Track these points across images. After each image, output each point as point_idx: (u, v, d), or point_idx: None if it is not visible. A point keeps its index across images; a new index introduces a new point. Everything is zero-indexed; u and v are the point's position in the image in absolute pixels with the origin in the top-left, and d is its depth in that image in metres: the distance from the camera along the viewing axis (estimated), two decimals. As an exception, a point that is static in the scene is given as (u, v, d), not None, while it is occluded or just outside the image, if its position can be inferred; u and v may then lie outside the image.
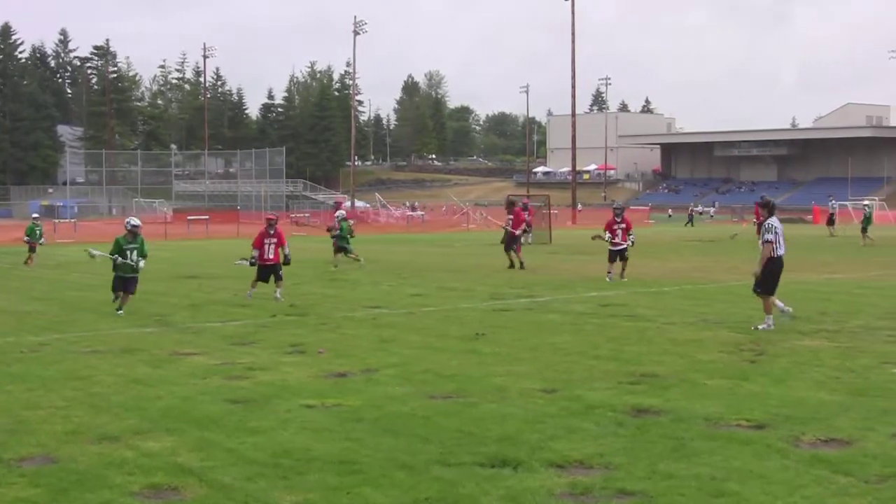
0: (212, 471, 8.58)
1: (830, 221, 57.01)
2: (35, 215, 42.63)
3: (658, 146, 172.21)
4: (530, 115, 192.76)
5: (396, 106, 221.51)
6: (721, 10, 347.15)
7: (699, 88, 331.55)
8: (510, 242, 32.39)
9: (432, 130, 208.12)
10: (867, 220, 49.32)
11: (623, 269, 27.83)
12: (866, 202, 53.40)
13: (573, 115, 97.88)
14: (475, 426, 10.03)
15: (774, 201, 18.60)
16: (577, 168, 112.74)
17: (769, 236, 17.48)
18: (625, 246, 28.04)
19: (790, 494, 7.76)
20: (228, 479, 8.33)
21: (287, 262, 24.39)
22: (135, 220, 21.53)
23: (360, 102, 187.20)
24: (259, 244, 24.09)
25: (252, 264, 24.14)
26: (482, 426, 10.03)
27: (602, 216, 39.69)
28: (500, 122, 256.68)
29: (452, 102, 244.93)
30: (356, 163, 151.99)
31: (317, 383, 12.58)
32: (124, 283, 20.81)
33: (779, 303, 17.81)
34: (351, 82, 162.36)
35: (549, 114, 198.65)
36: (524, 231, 48.70)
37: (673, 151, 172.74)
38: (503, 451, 9.03)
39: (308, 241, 51.13)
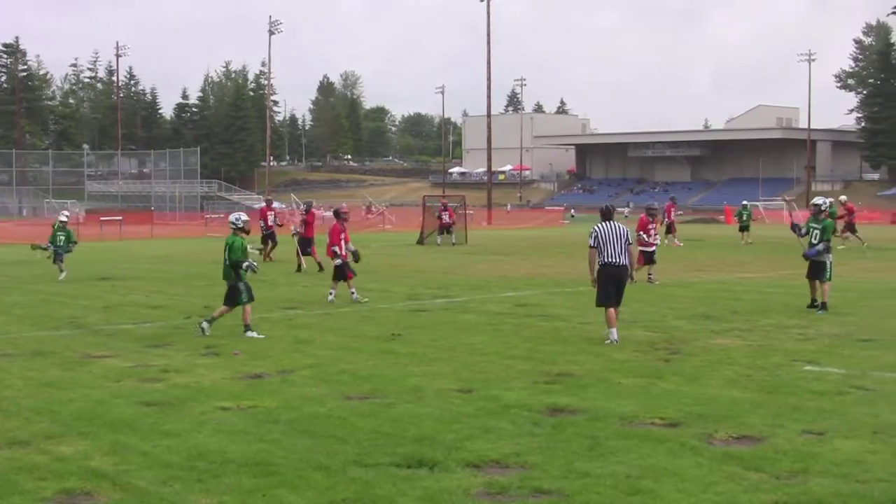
0: (126, 474, 8.49)
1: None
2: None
3: (573, 147, 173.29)
4: (446, 116, 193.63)
5: (312, 106, 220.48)
6: (634, 11, 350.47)
7: (613, 89, 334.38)
8: (305, 245, 32.26)
9: (348, 131, 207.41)
10: (745, 219, 50.33)
11: (651, 271, 26.64)
12: (745, 202, 54.04)
13: (489, 115, 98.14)
14: (392, 427, 10.04)
15: (610, 206, 17.40)
16: (493, 168, 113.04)
17: (590, 241, 16.72)
18: (655, 248, 27.08)
19: (703, 491, 7.87)
20: (143, 482, 8.25)
21: (357, 258, 23.25)
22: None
23: (276, 103, 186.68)
24: (338, 241, 22.82)
25: (339, 263, 22.80)
26: (399, 427, 10.04)
27: (524, 217, 39.82)
28: (416, 123, 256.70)
29: (368, 103, 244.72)
30: (271, 163, 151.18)
31: (232, 385, 12.50)
32: None
33: (613, 332, 16.20)
34: (266, 82, 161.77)
35: (465, 114, 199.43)
36: (446, 231, 48.92)
37: (587, 152, 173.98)
38: (420, 451, 9.05)
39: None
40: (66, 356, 14.98)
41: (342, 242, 22.79)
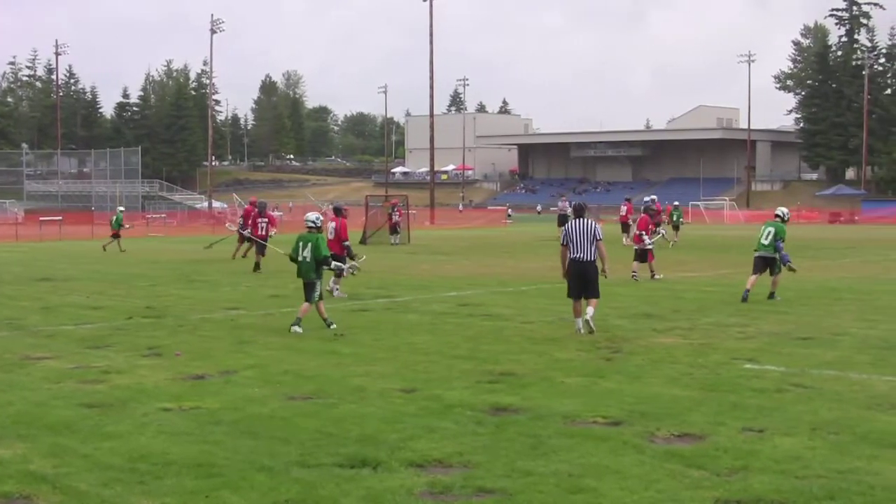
0: (66, 477, 8.41)
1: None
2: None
3: (515, 147, 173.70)
4: (389, 116, 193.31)
5: (254, 106, 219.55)
6: (577, 12, 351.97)
7: (556, 90, 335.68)
8: (262, 248, 32.30)
9: (290, 130, 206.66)
10: (676, 219, 51.04)
11: (652, 269, 27.83)
12: (676, 202, 54.76)
13: (431, 115, 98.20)
14: (335, 427, 10.02)
15: (582, 204, 18.40)
16: (436, 168, 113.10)
17: (562, 239, 17.62)
18: (651, 248, 28.15)
19: (645, 489, 7.92)
20: (83, 485, 8.18)
21: (350, 255, 23.79)
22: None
23: (218, 102, 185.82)
24: (346, 236, 23.93)
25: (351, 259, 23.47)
26: (342, 427, 10.02)
27: (467, 217, 39.86)
28: (359, 123, 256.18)
29: (311, 103, 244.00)
30: (213, 163, 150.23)
31: (174, 386, 12.42)
32: None
33: (579, 322, 17.06)
34: (208, 81, 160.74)
35: (408, 114, 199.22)
36: (393, 231, 48.93)
37: (530, 152, 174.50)
38: (363, 451, 9.04)
39: (165, 243, 50.40)
40: (5, 358, 14.80)
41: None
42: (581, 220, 17.36)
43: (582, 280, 17.05)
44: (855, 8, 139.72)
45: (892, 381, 12.45)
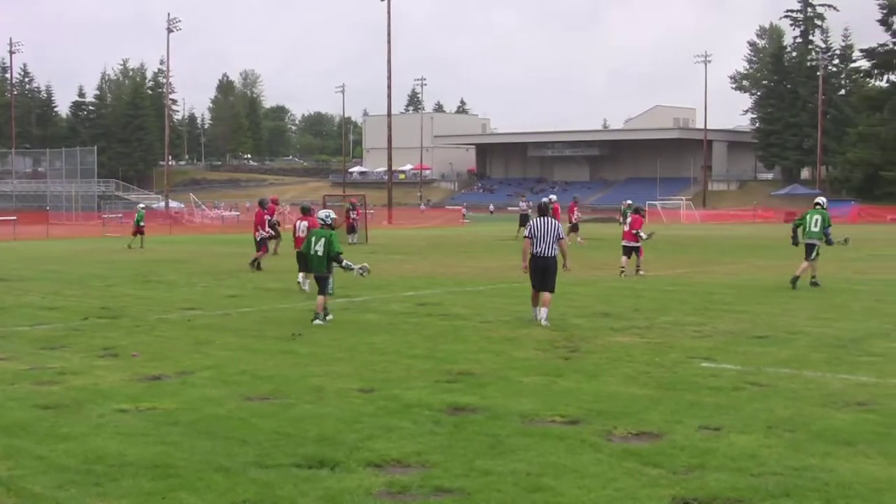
0: (21, 479, 8.33)
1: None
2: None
3: (473, 146, 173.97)
4: (346, 115, 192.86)
5: (211, 105, 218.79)
6: (534, 11, 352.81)
7: (513, 89, 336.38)
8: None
9: (248, 130, 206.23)
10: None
11: (638, 264, 29.58)
12: (629, 201, 55.47)
13: (389, 115, 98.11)
14: (292, 427, 9.99)
15: (546, 203, 19.52)
16: (393, 168, 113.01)
17: (526, 232, 18.87)
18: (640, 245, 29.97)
19: (603, 487, 7.95)
20: (38, 487, 8.11)
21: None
22: None
23: (175, 101, 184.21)
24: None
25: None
26: (300, 427, 9.99)
27: (424, 216, 39.81)
28: (316, 122, 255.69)
29: (268, 102, 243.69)
30: (170, 162, 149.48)
31: (130, 387, 12.34)
32: None
33: (537, 311, 18.34)
34: (165, 80, 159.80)
35: (365, 114, 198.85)
36: (350, 232, 48.89)
37: (488, 151, 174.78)
38: (321, 451, 9.02)
39: (121, 243, 50.05)
40: (-41, 359, 14.67)
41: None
42: (545, 217, 18.53)
43: (542, 274, 18.21)
44: (809, 9, 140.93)
45: (846, 378, 12.55)
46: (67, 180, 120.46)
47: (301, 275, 24.62)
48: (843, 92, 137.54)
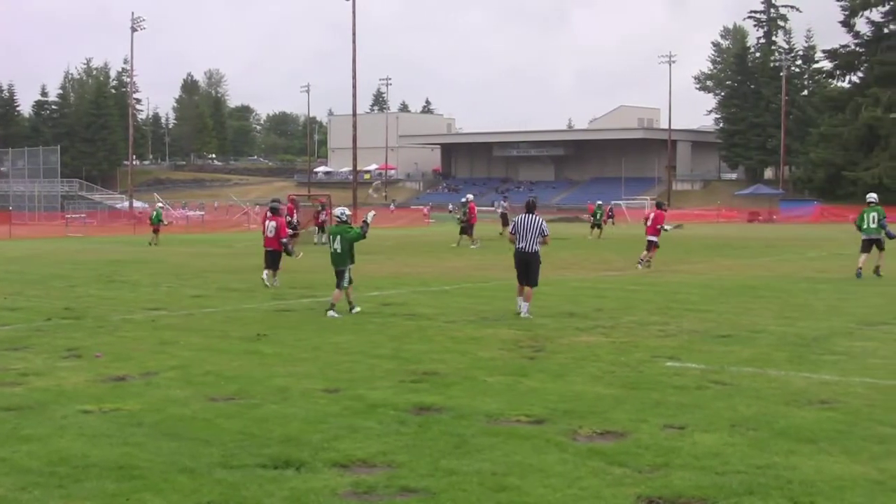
0: (-17, 481, 8.28)
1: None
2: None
3: (438, 146, 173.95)
4: (311, 115, 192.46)
5: (175, 104, 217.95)
6: (500, 11, 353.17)
7: (479, 89, 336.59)
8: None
9: (212, 130, 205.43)
10: (598, 217, 55.05)
11: (648, 258, 31.51)
12: (599, 202, 56.66)
13: (354, 114, 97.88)
14: (258, 427, 9.97)
15: (533, 200, 20.38)
16: (359, 168, 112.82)
17: (511, 228, 20.01)
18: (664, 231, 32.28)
19: (568, 486, 7.97)
20: (1, 489, 8.06)
21: (287, 251, 26.71)
22: None
23: (139, 101, 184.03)
24: (285, 234, 26.86)
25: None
26: (265, 427, 9.97)
27: (389, 216, 39.82)
28: (281, 122, 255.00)
29: (233, 102, 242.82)
30: (134, 162, 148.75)
31: (94, 388, 12.28)
32: None
33: (523, 309, 19.14)
34: (129, 80, 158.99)
35: (331, 114, 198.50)
36: (320, 230, 48.82)
37: (453, 151, 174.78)
38: (286, 451, 9.01)
39: (85, 243, 49.84)
40: (-80, 360, 14.56)
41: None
42: (530, 215, 19.45)
43: (524, 268, 19.25)
44: (772, 10, 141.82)
45: (808, 377, 12.63)
46: (30, 180, 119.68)
47: (266, 272, 25.51)
48: (805, 92, 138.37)
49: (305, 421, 10.27)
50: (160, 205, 54.35)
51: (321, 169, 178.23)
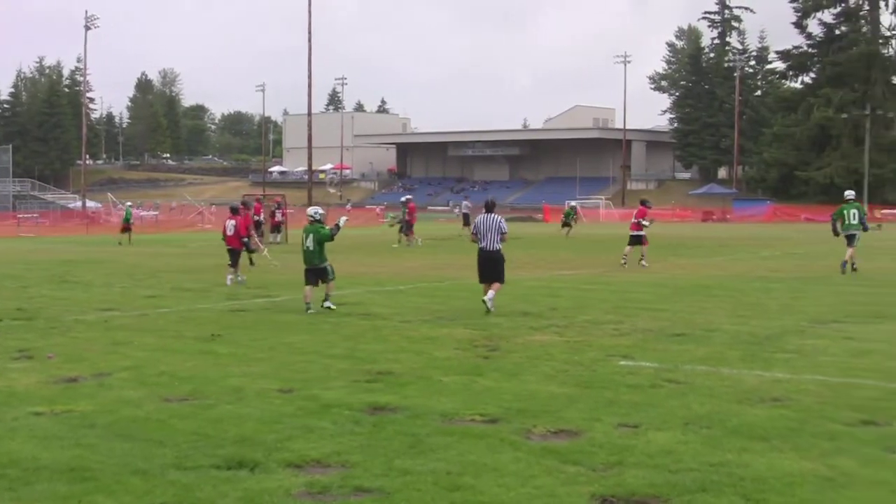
0: (-67, 484, 8.20)
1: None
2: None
3: (393, 146, 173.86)
4: (266, 115, 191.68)
5: (129, 104, 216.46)
6: (455, 10, 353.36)
7: (434, 89, 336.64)
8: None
9: (166, 129, 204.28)
10: (568, 216, 57.11)
11: (643, 254, 32.04)
12: (571, 203, 58.16)
13: (309, 114, 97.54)
14: (212, 428, 9.93)
15: (492, 201, 20.93)
16: (314, 167, 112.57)
17: (472, 229, 20.73)
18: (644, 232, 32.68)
19: (522, 485, 7.99)
20: (-49, 491, 7.99)
21: (248, 248, 28.67)
22: None
23: (92, 100, 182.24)
24: (245, 232, 28.08)
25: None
26: (219, 428, 9.93)
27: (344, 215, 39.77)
28: (236, 122, 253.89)
29: (187, 101, 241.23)
30: (87, 161, 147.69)
31: (46, 389, 12.17)
32: None
33: (488, 295, 19.61)
34: (82, 79, 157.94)
35: (286, 113, 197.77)
36: (276, 230, 48.69)
37: (408, 151, 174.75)
38: (240, 452, 8.97)
39: (37, 243, 49.46)
40: None
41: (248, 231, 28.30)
42: (490, 214, 20.07)
43: (488, 266, 19.85)
44: (727, 11, 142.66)
45: (761, 375, 12.73)
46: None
47: (233, 271, 26.36)
48: (759, 93, 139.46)
49: (260, 421, 10.24)
50: (129, 204, 54.93)
51: (276, 168, 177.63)
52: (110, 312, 20.29)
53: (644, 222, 32.72)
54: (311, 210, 21.56)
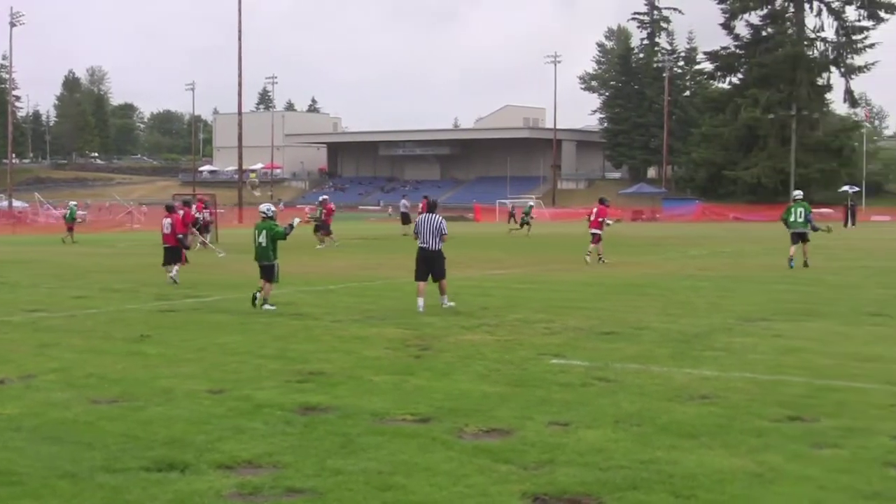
0: None
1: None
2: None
3: (324, 145, 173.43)
4: (196, 114, 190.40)
5: (57, 102, 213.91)
6: (386, 10, 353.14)
7: (365, 88, 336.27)
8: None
9: (94, 128, 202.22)
10: (527, 215, 58.18)
11: (599, 252, 33.42)
12: (531, 203, 59.00)
13: (240, 113, 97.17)
14: (141, 430, 9.84)
15: (433, 201, 21.25)
16: (244, 167, 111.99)
17: (413, 229, 21.36)
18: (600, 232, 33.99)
19: (454, 484, 7.99)
20: None
21: (185, 245, 28.89)
22: None
23: (18, 98, 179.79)
24: (182, 230, 28.27)
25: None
26: (148, 430, 9.84)
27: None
28: (165, 121, 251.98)
29: (116, 99, 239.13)
30: (13, 161, 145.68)
31: (-29, 392, 12.00)
32: None
33: (442, 300, 20.05)
34: (7, 76, 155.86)
35: (216, 112, 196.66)
36: (204, 230, 48.26)
37: (339, 150, 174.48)
38: (170, 454, 8.90)
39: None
40: None
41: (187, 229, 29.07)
42: (430, 214, 20.50)
43: (427, 265, 20.20)
44: (656, 12, 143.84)
45: (690, 373, 12.84)
46: None
47: (167, 268, 26.77)
48: (687, 93, 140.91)
49: (190, 422, 10.16)
50: (74, 203, 55.03)
51: (206, 168, 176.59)
52: (37, 313, 20.04)
53: (608, 221, 34.22)
54: (263, 207, 21.82)
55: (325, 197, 49.07)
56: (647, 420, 10.13)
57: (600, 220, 34.05)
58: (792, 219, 30.69)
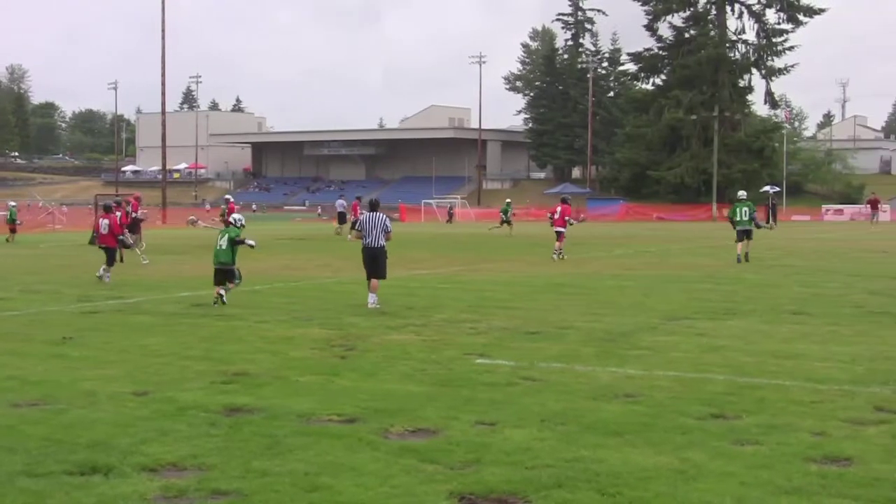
0: None
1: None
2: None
3: (249, 145, 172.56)
4: (119, 113, 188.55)
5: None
6: (309, 9, 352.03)
7: (289, 87, 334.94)
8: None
9: (14, 127, 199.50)
10: (506, 213, 59.38)
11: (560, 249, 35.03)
12: (508, 201, 59.83)
13: (163, 112, 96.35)
14: (64, 433, 9.72)
15: (376, 200, 22.25)
16: (168, 167, 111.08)
17: (356, 226, 21.96)
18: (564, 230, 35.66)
19: (381, 484, 7.99)
20: None
21: (124, 244, 29.38)
22: None
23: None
24: (119, 230, 28.33)
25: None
26: (71, 433, 9.73)
27: (203, 216, 39.29)
28: (88, 120, 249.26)
29: (36, 98, 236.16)
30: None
31: None
32: None
33: (370, 299, 20.33)
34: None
35: (139, 111, 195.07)
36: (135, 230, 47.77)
37: (263, 150, 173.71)
38: (93, 457, 8.81)
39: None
40: None
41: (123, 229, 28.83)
42: (374, 213, 21.07)
43: (372, 262, 20.64)
44: (580, 13, 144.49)
45: (615, 371, 12.94)
46: None
47: (102, 267, 26.93)
48: (611, 94, 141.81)
49: (113, 425, 10.06)
50: (13, 204, 54.68)
51: (129, 168, 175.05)
52: (-44, 316, 19.73)
53: (572, 221, 36.09)
54: (235, 216, 22.71)
55: (227, 197, 48.81)
56: (572, 419, 10.19)
57: (566, 218, 35.56)
58: (738, 217, 33.07)
